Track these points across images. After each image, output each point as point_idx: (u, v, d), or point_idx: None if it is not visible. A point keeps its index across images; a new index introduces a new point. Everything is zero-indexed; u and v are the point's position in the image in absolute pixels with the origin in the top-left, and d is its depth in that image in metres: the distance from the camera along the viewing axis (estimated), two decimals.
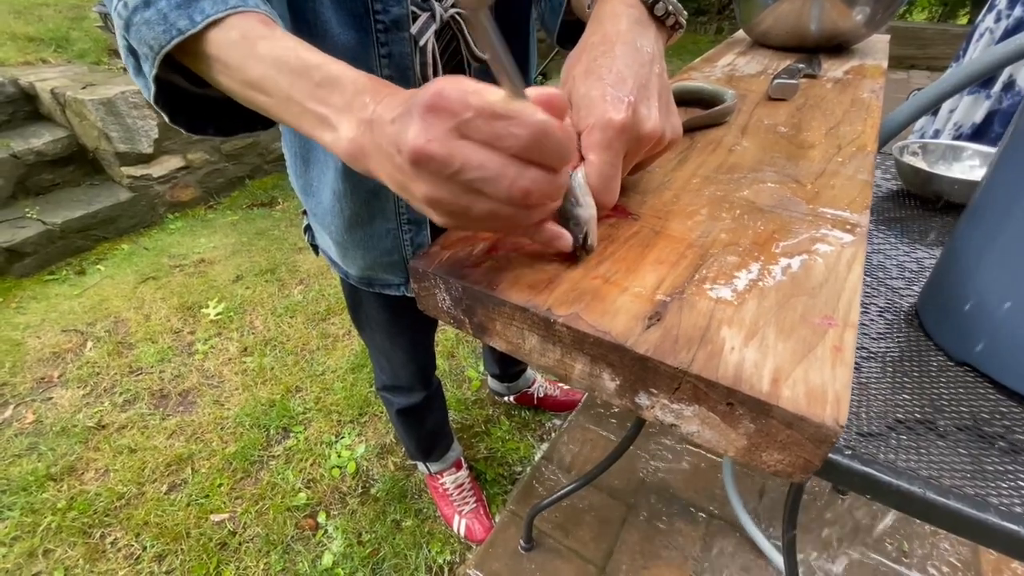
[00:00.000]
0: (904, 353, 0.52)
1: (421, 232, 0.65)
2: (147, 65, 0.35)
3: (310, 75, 0.32)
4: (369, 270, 0.71)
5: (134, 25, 0.34)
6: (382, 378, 1.04)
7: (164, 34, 0.33)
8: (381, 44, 0.50)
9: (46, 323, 1.97)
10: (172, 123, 0.40)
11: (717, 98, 0.59)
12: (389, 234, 0.65)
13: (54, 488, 1.39)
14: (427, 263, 0.34)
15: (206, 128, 0.42)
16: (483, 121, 0.24)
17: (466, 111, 0.24)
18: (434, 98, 0.24)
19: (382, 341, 0.90)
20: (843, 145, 0.49)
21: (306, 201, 0.69)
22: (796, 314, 0.27)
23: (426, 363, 1.01)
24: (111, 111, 2.36)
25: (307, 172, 0.65)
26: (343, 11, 0.48)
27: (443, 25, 0.52)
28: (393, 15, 0.49)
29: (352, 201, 0.62)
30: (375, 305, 0.82)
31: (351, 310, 0.88)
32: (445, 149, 0.24)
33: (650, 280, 0.30)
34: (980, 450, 0.41)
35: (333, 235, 0.68)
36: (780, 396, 0.23)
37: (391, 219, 0.64)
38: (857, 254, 0.33)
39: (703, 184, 0.42)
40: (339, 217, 0.64)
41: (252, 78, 0.33)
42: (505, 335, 0.32)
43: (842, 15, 0.80)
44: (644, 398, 0.27)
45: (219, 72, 0.34)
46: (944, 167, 0.81)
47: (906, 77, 4.95)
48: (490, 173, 0.25)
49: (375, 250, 0.67)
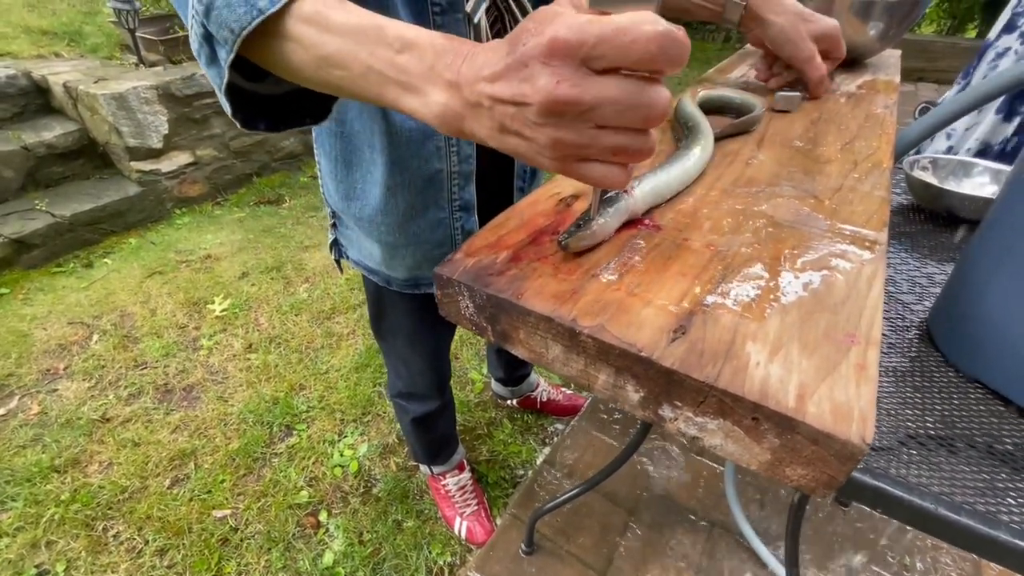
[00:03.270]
0: (915, 368, 0.52)
1: (471, 218, 0.67)
2: (224, 51, 0.35)
3: (388, 43, 0.32)
4: (417, 269, 0.72)
5: (215, 9, 0.34)
6: (398, 385, 1.04)
7: (246, 15, 0.33)
8: (438, 26, 0.52)
9: (53, 315, 1.98)
10: (233, 117, 0.40)
11: (746, 107, 0.60)
12: (441, 224, 0.66)
13: (58, 480, 1.39)
14: (451, 270, 0.34)
15: (259, 124, 0.42)
16: (608, 46, 0.24)
17: (587, 42, 0.24)
18: (552, 42, 0.25)
19: (403, 348, 0.91)
20: (859, 161, 0.50)
21: (348, 207, 0.68)
22: (819, 331, 0.28)
23: (443, 372, 1.02)
24: (122, 106, 2.38)
25: (350, 175, 0.65)
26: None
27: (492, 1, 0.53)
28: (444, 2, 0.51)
29: (409, 192, 0.62)
30: (401, 311, 0.82)
31: (373, 319, 0.89)
32: (577, 89, 0.25)
33: (674, 293, 0.31)
34: (991, 467, 0.42)
35: (382, 236, 0.68)
36: (806, 412, 0.23)
37: (444, 207, 0.64)
38: (877, 271, 0.33)
39: (722, 197, 0.42)
40: (391, 214, 0.65)
41: (328, 52, 0.33)
42: (528, 343, 0.32)
43: (856, 30, 0.81)
44: (668, 410, 0.27)
45: (293, 52, 0.34)
46: (955, 183, 0.81)
47: (914, 89, 4.95)
48: (621, 102, 0.25)
49: (426, 244, 0.68)
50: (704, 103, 0.61)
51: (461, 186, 0.63)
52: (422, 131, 0.58)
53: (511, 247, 0.36)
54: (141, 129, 2.47)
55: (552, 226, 0.38)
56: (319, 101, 0.44)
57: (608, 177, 0.29)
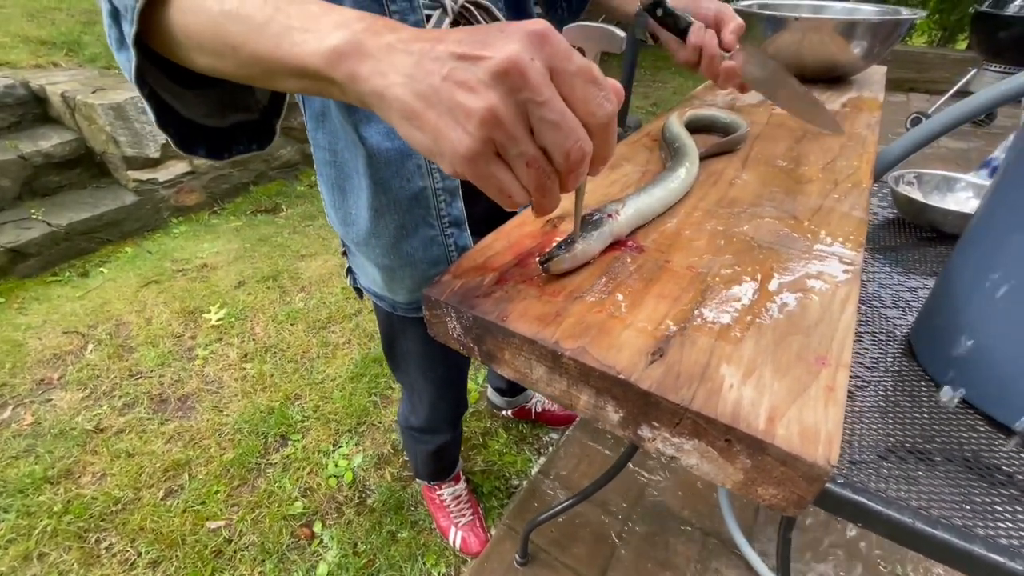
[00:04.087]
0: (896, 382, 0.53)
1: (463, 234, 0.66)
2: (127, 23, 0.32)
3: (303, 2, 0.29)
4: (416, 291, 0.71)
5: None
6: (411, 420, 1.03)
7: None
8: None
9: (47, 324, 1.98)
10: (162, 130, 0.38)
11: (732, 127, 0.61)
12: (433, 242, 0.65)
13: (51, 491, 1.39)
14: (439, 292, 0.35)
15: (198, 149, 0.41)
16: (580, 80, 0.25)
17: (570, 62, 0.25)
18: (545, 29, 0.25)
19: (416, 377, 0.90)
20: (839, 180, 0.51)
21: (347, 233, 0.69)
22: (792, 353, 0.29)
23: (458, 403, 1.00)
24: (120, 115, 2.39)
25: (344, 201, 0.66)
26: None
27: (456, 16, 0.53)
28: (410, 22, 0.51)
29: (396, 212, 0.62)
30: (411, 336, 0.81)
31: (387, 347, 0.88)
32: (541, 78, 0.24)
33: (654, 315, 0.32)
34: (968, 481, 0.43)
35: (379, 259, 0.68)
36: (775, 435, 0.24)
37: (434, 224, 0.64)
38: (851, 293, 0.34)
39: (704, 218, 0.44)
40: (383, 236, 0.65)
41: (229, 6, 0.30)
42: (513, 364, 0.33)
43: (840, 48, 0.83)
44: (647, 431, 0.28)
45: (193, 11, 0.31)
46: (938, 198, 0.83)
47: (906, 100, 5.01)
48: (565, 124, 0.25)
49: (422, 263, 0.67)
50: (691, 122, 0.63)
51: (448, 202, 0.63)
52: (399, 151, 0.58)
53: (497, 269, 0.37)
54: (139, 138, 2.48)
55: (538, 248, 0.40)
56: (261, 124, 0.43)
57: (507, 189, 0.27)
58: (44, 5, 3.48)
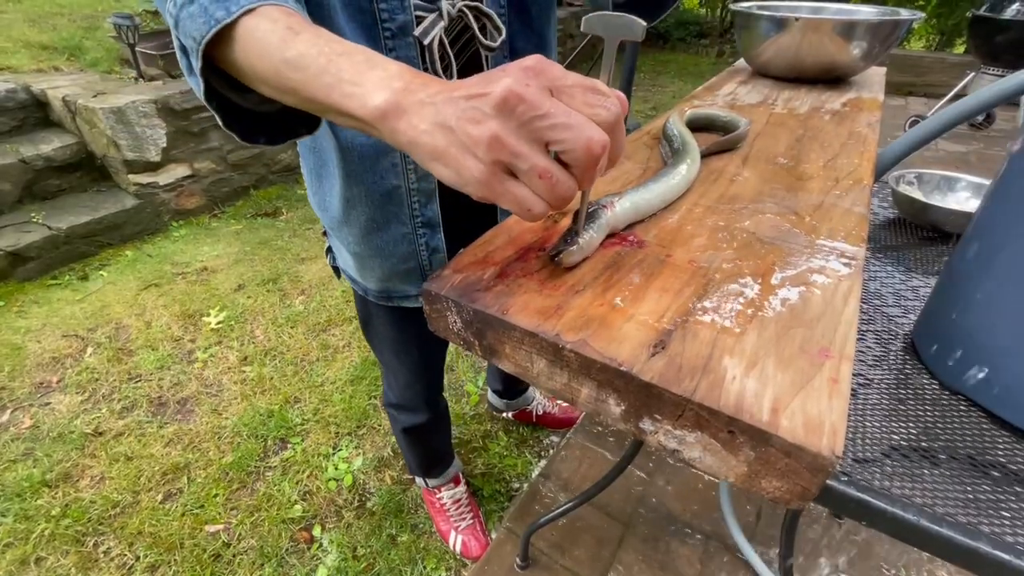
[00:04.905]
0: (899, 380, 0.53)
1: (436, 236, 0.67)
2: (194, 59, 0.37)
3: (353, 55, 0.33)
4: (387, 281, 0.72)
5: (181, 21, 0.37)
6: (389, 395, 1.05)
7: (204, 24, 0.35)
8: (389, 49, 0.53)
9: (47, 327, 1.98)
10: (227, 129, 0.42)
11: (731, 125, 0.61)
12: (404, 239, 0.67)
13: (49, 495, 1.38)
14: (439, 286, 0.35)
15: (258, 138, 0.44)
16: (580, 89, 0.28)
17: (565, 77, 0.28)
18: (537, 62, 0.28)
19: (390, 358, 0.91)
20: (840, 178, 0.51)
21: (323, 217, 0.71)
22: (795, 345, 0.29)
23: (431, 384, 1.01)
24: (121, 119, 2.39)
25: (321, 187, 0.68)
26: (355, 21, 0.51)
27: (452, 20, 0.55)
28: (399, 22, 0.52)
29: (367, 206, 0.64)
30: (384, 321, 0.83)
31: (363, 325, 0.90)
32: (540, 96, 0.27)
33: (655, 308, 0.32)
34: (973, 479, 0.42)
35: (350, 246, 0.70)
36: (779, 425, 0.24)
37: (406, 223, 0.65)
38: (853, 287, 0.34)
39: (705, 214, 0.44)
40: (354, 225, 0.66)
41: (290, 56, 0.34)
42: (514, 358, 0.33)
43: (840, 49, 0.83)
44: (648, 424, 0.28)
45: (257, 57, 0.35)
46: (939, 197, 0.83)
47: (904, 103, 5.02)
48: (574, 122, 0.27)
49: (392, 257, 0.69)
50: (692, 121, 0.63)
51: (423, 203, 0.64)
52: (374, 146, 0.59)
53: (498, 263, 0.37)
54: (139, 142, 2.49)
55: (539, 242, 0.39)
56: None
57: (524, 202, 0.29)
58: (46, 11, 3.50)
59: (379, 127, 0.32)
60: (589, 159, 0.28)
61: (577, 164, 0.28)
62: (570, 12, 5.53)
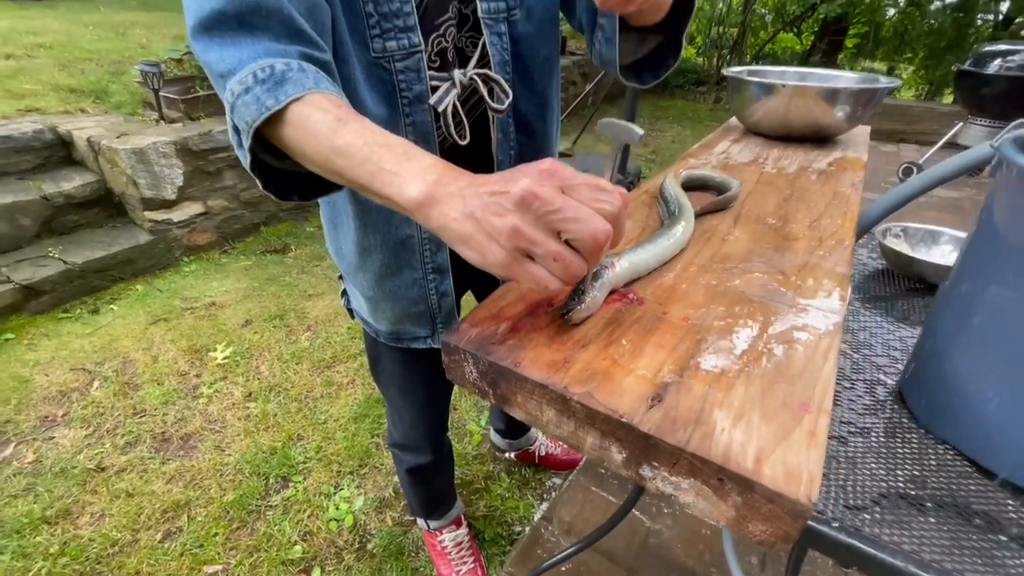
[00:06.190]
0: (888, 429, 0.55)
1: (445, 280, 0.72)
2: (244, 138, 0.43)
3: (392, 147, 0.39)
4: (398, 323, 0.77)
5: (237, 108, 0.43)
6: (394, 435, 1.07)
7: (256, 111, 0.41)
8: (407, 115, 0.60)
9: (56, 361, 2.00)
10: (265, 190, 0.47)
11: (724, 186, 0.67)
12: (416, 283, 0.71)
13: (48, 531, 1.37)
14: (457, 339, 0.39)
15: (291, 195, 0.50)
16: (587, 187, 0.33)
17: (575, 177, 0.33)
18: (551, 165, 0.34)
19: (396, 397, 0.94)
20: (824, 238, 0.55)
21: (339, 263, 0.76)
22: (778, 400, 0.32)
23: (436, 424, 1.04)
24: (142, 159, 2.49)
25: (337, 236, 0.73)
26: (376, 91, 0.58)
27: (464, 87, 0.61)
28: (416, 91, 0.59)
29: (381, 253, 0.69)
30: (392, 361, 0.86)
31: (372, 365, 0.93)
32: (553, 194, 0.32)
33: (653, 363, 0.35)
34: (958, 526, 0.44)
35: (364, 290, 0.75)
36: (762, 474, 0.27)
37: (417, 268, 0.70)
38: (833, 344, 0.37)
39: (699, 272, 0.48)
40: (368, 271, 0.71)
41: (339, 144, 0.39)
42: (525, 407, 0.36)
43: (825, 112, 0.89)
44: (647, 470, 0.31)
45: (309, 142, 0.41)
46: (924, 250, 0.87)
47: (896, 150, 5.17)
48: (583, 215, 0.32)
49: (403, 300, 0.73)
50: (687, 182, 0.68)
51: (433, 251, 0.69)
52: None
53: (510, 318, 0.41)
54: (157, 181, 2.58)
55: (547, 299, 0.43)
56: None
57: (542, 281, 0.34)
58: (75, 56, 3.69)
59: (414, 213, 0.37)
60: (596, 246, 0.32)
61: (585, 249, 0.33)
62: (572, 61, 5.79)
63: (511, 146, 0.69)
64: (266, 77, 0.42)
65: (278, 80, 0.42)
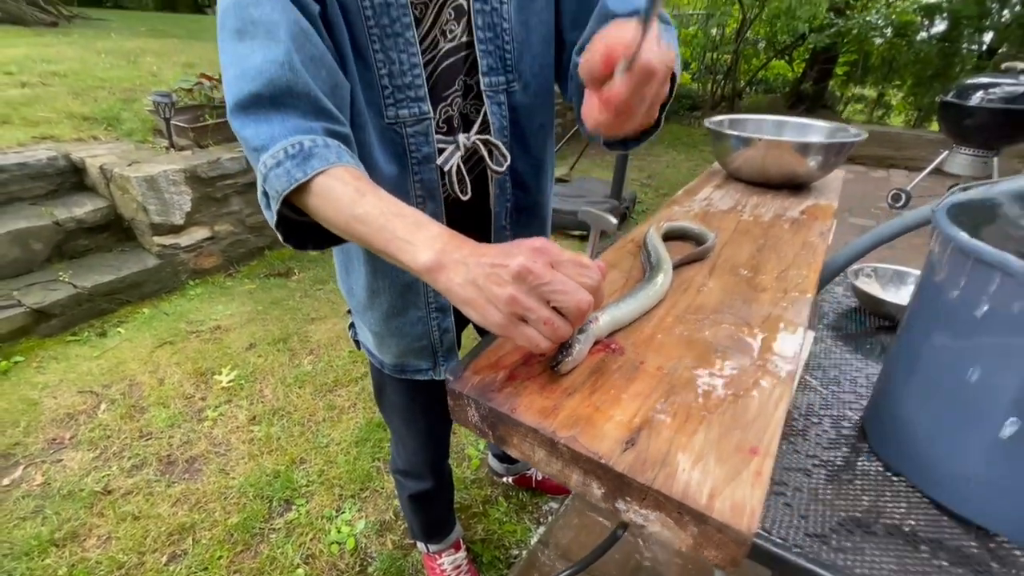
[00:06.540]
0: (849, 462, 0.61)
1: (447, 318, 0.80)
2: (274, 203, 0.50)
3: (405, 216, 0.46)
4: (402, 356, 0.83)
5: (269, 178, 0.50)
6: (397, 462, 1.13)
7: (286, 182, 0.48)
8: (415, 173, 0.67)
9: (64, 383, 2.05)
10: (285, 242, 0.55)
11: (702, 237, 0.73)
12: (420, 321, 0.79)
13: (56, 554, 1.41)
14: (461, 385, 0.45)
15: (308, 245, 0.56)
16: (571, 264, 0.41)
17: (562, 255, 0.40)
18: (543, 244, 0.41)
19: (399, 425, 1.00)
20: (789, 289, 0.62)
21: (350, 301, 0.84)
22: (732, 444, 0.38)
23: (437, 451, 1.09)
24: (152, 187, 2.58)
25: (348, 278, 0.81)
26: (388, 152, 0.66)
27: (467, 151, 0.69)
28: (424, 153, 0.66)
29: (389, 295, 0.76)
30: (396, 391, 0.92)
31: (376, 394, 1.00)
32: (544, 269, 0.39)
33: (629, 410, 0.41)
34: (905, 552, 0.50)
35: (371, 326, 0.82)
36: (714, 509, 0.33)
37: (422, 308, 0.78)
38: (784, 394, 0.44)
39: (674, 323, 0.54)
40: (376, 310, 0.79)
41: (359, 213, 0.46)
42: (520, 447, 0.42)
43: (799, 163, 0.97)
44: (622, 504, 0.37)
45: (332, 209, 0.48)
46: (893, 291, 0.94)
47: (886, 175, 5.31)
48: (569, 288, 0.39)
49: (408, 336, 0.80)
50: (668, 233, 0.75)
51: (436, 293, 0.76)
52: None
53: (507, 367, 0.47)
54: (167, 207, 2.66)
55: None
56: None
57: (534, 341, 0.40)
58: (88, 84, 3.82)
59: (423, 275, 0.44)
60: (580, 313, 0.40)
61: (571, 315, 0.40)
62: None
63: (507, 200, 0.76)
64: (295, 152, 0.49)
65: (306, 155, 0.49)
